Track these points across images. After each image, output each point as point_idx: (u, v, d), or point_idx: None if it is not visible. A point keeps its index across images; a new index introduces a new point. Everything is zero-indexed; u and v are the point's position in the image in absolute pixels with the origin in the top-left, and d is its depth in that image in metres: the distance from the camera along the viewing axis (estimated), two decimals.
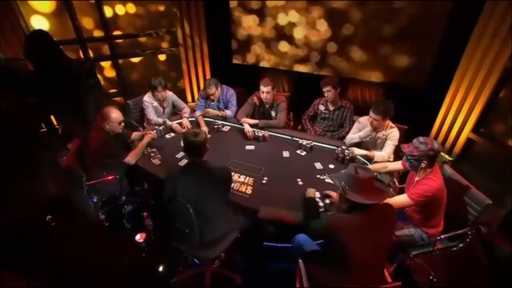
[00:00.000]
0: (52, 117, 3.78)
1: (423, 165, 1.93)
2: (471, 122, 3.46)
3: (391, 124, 2.60)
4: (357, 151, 2.57)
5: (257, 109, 3.28)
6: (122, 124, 2.68)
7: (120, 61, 4.50)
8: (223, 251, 2.06)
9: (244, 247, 2.43)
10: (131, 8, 4.29)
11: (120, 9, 4.24)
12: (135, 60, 4.63)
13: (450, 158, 3.73)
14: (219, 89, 3.27)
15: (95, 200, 2.66)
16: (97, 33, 4.21)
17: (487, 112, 3.35)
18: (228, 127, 3.20)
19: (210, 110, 3.27)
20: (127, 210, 2.92)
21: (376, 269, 1.72)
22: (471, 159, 3.57)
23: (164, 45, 4.72)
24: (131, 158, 2.61)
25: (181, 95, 5.02)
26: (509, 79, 3.14)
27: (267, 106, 3.18)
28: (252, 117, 3.29)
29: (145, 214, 2.67)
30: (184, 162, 2.69)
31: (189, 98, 5.09)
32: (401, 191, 2.29)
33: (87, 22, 4.11)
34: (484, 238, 2.53)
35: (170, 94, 3.33)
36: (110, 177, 2.58)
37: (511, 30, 2.95)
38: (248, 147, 2.91)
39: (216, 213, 1.96)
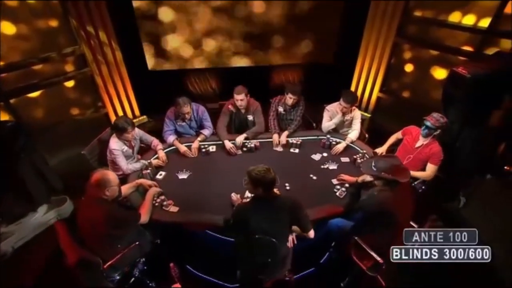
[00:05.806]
0: None
1: (435, 133, 2.64)
2: (378, 84, 4.57)
3: (353, 107, 3.22)
4: (341, 147, 3.02)
5: (233, 116, 3.30)
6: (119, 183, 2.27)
7: (12, 100, 3.39)
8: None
9: None
10: (9, 28, 3.18)
11: None
12: (35, 94, 3.56)
13: (368, 115, 4.86)
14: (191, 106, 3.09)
15: (117, 277, 2.27)
16: None
17: (386, 75, 4.50)
18: (214, 147, 3.11)
19: (194, 147, 3.04)
20: (140, 269, 2.62)
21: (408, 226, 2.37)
22: (381, 112, 4.78)
23: (69, 68, 3.78)
24: (145, 217, 2.29)
25: (105, 120, 4.31)
26: (396, 50, 4.29)
27: (242, 111, 3.25)
28: (228, 125, 3.29)
29: (171, 264, 2.50)
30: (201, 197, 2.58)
31: None
32: None
33: None
34: None
35: (137, 130, 2.91)
36: (130, 247, 2.25)
37: (394, 13, 3.99)
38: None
39: (284, 234, 2.12)
